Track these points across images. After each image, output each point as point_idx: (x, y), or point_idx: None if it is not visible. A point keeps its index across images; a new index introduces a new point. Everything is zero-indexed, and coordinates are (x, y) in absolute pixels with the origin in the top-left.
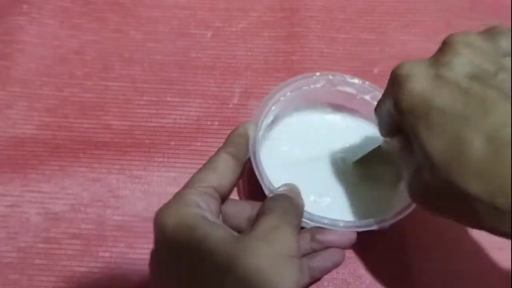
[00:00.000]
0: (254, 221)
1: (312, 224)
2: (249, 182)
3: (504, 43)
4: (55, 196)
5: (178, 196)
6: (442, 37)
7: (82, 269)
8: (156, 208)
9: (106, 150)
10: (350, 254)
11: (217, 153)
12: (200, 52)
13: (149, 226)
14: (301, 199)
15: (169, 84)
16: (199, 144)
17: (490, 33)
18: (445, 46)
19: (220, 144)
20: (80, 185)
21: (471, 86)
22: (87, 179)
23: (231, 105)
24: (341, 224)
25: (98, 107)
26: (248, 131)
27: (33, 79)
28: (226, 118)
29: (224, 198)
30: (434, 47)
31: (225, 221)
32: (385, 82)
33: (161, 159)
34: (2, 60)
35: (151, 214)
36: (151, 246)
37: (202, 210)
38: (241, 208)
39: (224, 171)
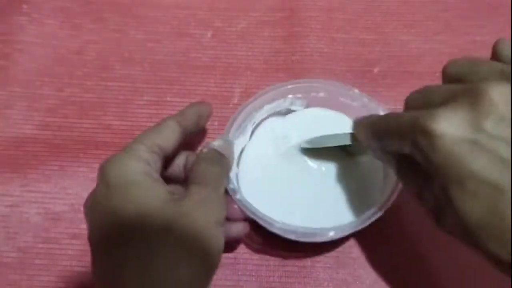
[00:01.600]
0: (188, 184)
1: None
2: None
3: None
4: (55, 196)
5: (128, 149)
6: (442, 37)
7: (82, 269)
8: None
9: (106, 150)
10: (350, 254)
11: (165, 119)
12: (200, 52)
13: None
14: (232, 153)
15: (169, 84)
16: (199, 144)
17: None
18: (482, 102)
19: None
20: (80, 185)
21: (509, 153)
22: (87, 179)
23: (231, 105)
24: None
25: (98, 107)
26: (203, 108)
27: (33, 79)
28: (226, 118)
29: (165, 159)
30: (434, 47)
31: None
32: (385, 82)
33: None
34: (2, 60)
35: None
36: None
37: (149, 168)
38: (181, 159)
39: (168, 135)
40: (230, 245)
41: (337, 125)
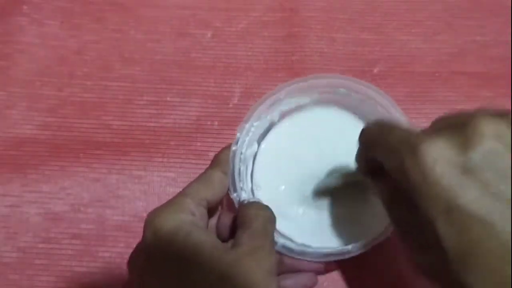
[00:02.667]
0: (238, 231)
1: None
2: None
3: None
4: (55, 196)
5: (174, 201)
6: (442, 37)
7: (82, 269)
8: None
9: (106, 150)
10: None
11: (212, 169)
12: (200, 52)
13: None
14: (271, 210)
15: (169, 84)
16: (199, 144)
17: None
18: (473, 133)
19: (221, 144)
20: (80, 185)
21: (500, 188)
22: (87, 179)
23: (231, 105)
24: (309, 255)
25: (98, 107)
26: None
27: (33, 79)
28: (226, 118)
29: (211, 213)
30: (434, 47)
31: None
32: (385, 82)
33: (161, 159)
34: (2, 60)
35: None
36: None
37: (195, 218)
38: (222, 219)
39: (218, 187)
40: None
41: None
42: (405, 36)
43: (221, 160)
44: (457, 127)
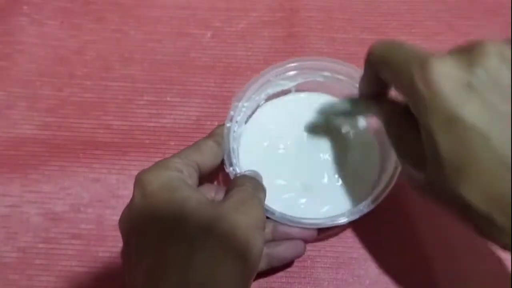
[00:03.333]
0: (227, 192)
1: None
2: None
3: None
4: (55, 196)
5: (162, 161)
6: (442, 37)
7: (82, 269)
8: None
9: (106, 150)
10: (350, 254)
11: (204, 138)
12: (200, 52)
13: None
14: (263, 185)
15: (169, 84)
16: None
17: None
18: (479, 53)
19: None
20: (80, 185)
21: (499, 104)
22: (87, 179)
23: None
24: (305, 221)
25: (98, 107)
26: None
27: (33, 79)
28: (226, 118)
29: (201, 177)
30: (434, 47)
31: None
32: None
33: (161, 159)
34: (2, 60)
35: None
36: None
37: (183, 176)
38: (206, 191)
39: (208, 154)
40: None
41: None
42: (405, 36)
43: (215, 132)
44: (466, 49)
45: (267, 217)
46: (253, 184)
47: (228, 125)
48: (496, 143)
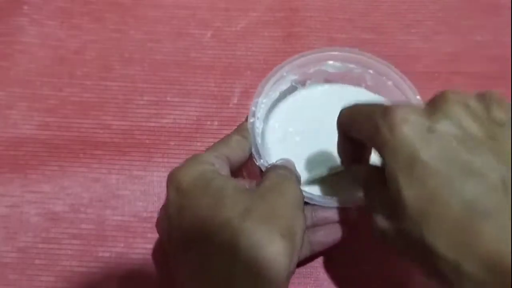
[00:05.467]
0: (258, 182)
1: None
2: (252, 168)
3: (497, 113)
4: (55, 196)
5: (192, 157)
6: (442, 37)
7: (82, 269)
8: (156, 208)
9: (106, 150)
10: (350, 254)
11: (231, 133)
12: (200, 52)
13: (149, 227)
14: (297, 172)
15: (169, 84)
16: (199, 144)
17: (485, 98)
18: (441, 101)
19: None
20: (80, 185)
21: (460, 150)
22: (87, 179)
23: (231, 105)
24: (335, 202)
25: (98, 107)
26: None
27: (33, 79)
28: (226, 118)
29: (232, 171)
30: (434, 47)
31: None
32: None
33: (161, 159)
34: (2, 60)
35: (150, 214)
36: (151, 246)
37: (216, 168)
38: (243, 183)
39: (236, 147)
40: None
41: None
42: (405, 36)
43: (240, 128)
44: (430, 100)
45: (306, 203)
46: (284, 170)
47: (251, 120)
48: (458, 185)
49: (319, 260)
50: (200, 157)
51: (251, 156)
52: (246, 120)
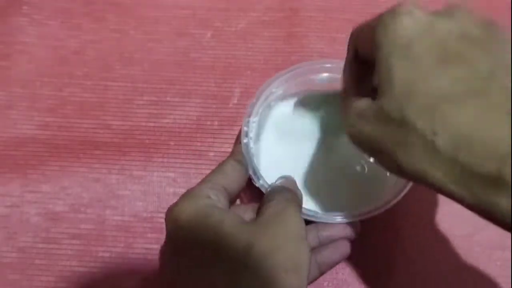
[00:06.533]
0: (258, 210)
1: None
2: (250, 189)
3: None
4: (55, 196)
5: (188, 192)
6: None
7: (82, 269)
8: (156, 208)
9: (106, 150)
10: (350, 254)
11: (225, 159)
12: (200, 52)
13: (149, 227)
14: (298, 189)
15: (169, 84)
16: (199, 144)
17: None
18: (449, 6)
19: (221, 144)
20: (80, 185)
21: (456, 42)
22: (87, 179)
23: (231, 105)
24: (339, 217)
25: (98, 107)
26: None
27: (33, 79)
28: (226, 118)
29: (231, 200)
30: None
31: None
32: None
33: (161, 159)
34: (2, 60)
35: (150, 214)
36: (150, 246)
37: (213, 201)
38: (243, 211)
39: (232, 174)
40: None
41: None
42: None
43: (235, 151)
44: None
45: (309, 222)
46: (284, 195)
47: (245, 141)
48: (449, 69)
49: None
50: (195, 191)
51: (250, 178)
52: (237, 141)
